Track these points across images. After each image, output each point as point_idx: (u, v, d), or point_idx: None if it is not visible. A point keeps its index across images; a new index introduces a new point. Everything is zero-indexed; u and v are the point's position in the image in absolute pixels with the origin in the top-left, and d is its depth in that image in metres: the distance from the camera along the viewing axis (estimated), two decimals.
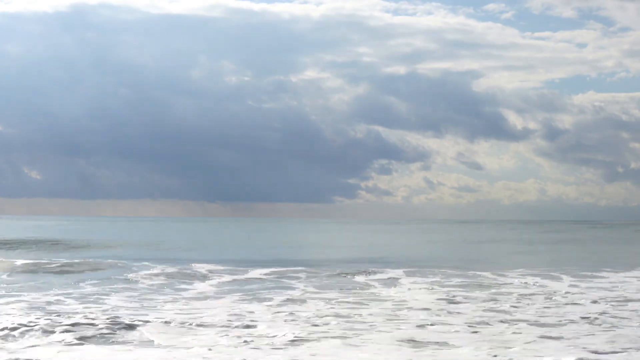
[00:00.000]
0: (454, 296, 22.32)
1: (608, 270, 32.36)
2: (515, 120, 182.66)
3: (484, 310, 19.05)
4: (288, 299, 21.30)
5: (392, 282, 27.05)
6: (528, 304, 20.37)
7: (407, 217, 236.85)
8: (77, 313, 17.56)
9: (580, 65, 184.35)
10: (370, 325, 16.47)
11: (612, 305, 20.22)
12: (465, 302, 20.84)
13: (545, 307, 19.75)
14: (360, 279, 28.23)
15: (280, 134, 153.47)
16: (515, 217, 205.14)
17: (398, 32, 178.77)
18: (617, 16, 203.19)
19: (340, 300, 21.09)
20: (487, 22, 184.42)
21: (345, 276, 29.09)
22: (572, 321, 17.27)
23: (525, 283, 26.50)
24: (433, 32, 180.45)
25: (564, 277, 29.19)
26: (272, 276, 28.80)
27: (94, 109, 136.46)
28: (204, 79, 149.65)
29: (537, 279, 28.20)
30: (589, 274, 30.63)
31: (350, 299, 21.29)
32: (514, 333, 15.57)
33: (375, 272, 30.67)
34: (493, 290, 23.96)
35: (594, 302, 20.95)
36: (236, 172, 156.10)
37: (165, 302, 20.49)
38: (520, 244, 62.99)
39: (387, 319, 17.46)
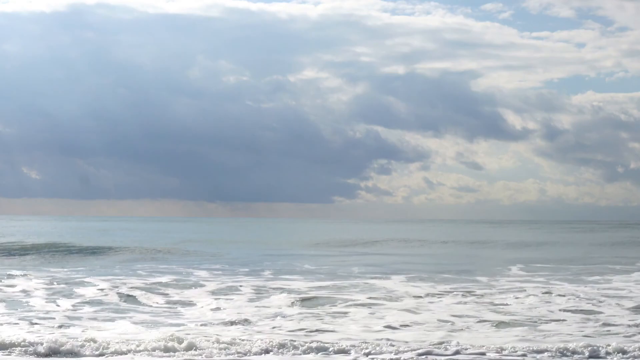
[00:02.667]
0: (440, 295, 22.28)
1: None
2: (514, 120, 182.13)
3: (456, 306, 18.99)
4: None
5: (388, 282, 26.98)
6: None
7: (407, 217, 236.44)
8: None
9: (579, 65, 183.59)
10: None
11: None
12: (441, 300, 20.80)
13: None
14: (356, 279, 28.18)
15: (279, 134, 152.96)
16: (515, 217, 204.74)
17: (396, 32, 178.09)
18: (615, 16, 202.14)
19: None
20: (485, 22, 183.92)
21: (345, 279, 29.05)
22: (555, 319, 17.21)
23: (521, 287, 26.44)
24: (431, 32, 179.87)
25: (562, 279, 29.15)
26: None
27: (92, 108, 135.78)
28: (202, 79, 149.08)
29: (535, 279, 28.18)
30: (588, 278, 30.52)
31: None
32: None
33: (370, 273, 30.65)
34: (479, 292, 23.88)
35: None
36: (235, 172, 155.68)
37: None
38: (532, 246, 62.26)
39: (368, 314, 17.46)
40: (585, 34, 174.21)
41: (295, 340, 13.94)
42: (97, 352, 13.10)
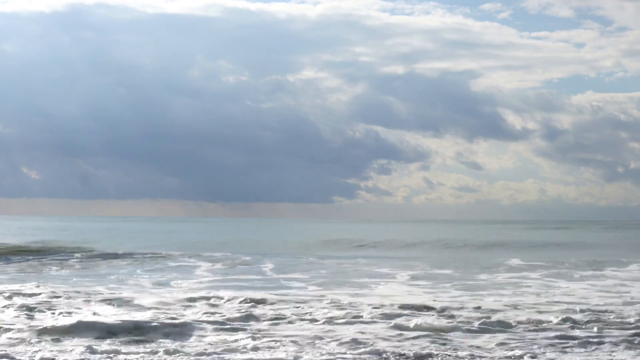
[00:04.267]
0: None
1: None
2: (514, 120, 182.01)
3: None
4: None
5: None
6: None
7: (407, 217, 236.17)
8: None
9: (578, 65, 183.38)
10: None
11: None
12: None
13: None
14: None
15: (279, 134, 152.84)
16: (515, 217, 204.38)
17: (395, 32, 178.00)
18: (615, 16, 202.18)
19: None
20: (484, 22, 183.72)
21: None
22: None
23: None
24: (431, 32, 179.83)
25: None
26: None
27: (92, 108, 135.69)
28: (202, 79, 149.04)
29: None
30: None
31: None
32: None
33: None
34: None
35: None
36: (235, 172, 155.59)
37: None
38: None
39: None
40: (584, 34, 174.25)
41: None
42: None
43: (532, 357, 12.50)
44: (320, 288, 23.32)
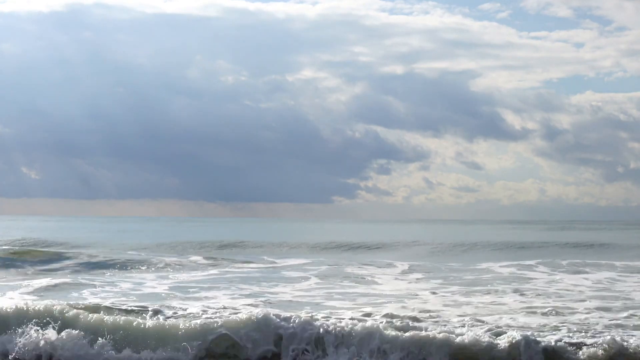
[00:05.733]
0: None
1: None
2: (513, 120, 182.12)
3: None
4: None
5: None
6: None
7: (407, 217, 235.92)
8: None
9: (577, 65, 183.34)
10: None
11: None
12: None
13: None
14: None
15: (278, 134, 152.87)
16: (515, 217, 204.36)
17: (394, 32, 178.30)
18: (614, 15, 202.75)
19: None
20: (483, 22, 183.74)
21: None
22: None
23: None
24: (430, 32, 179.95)
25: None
26: None
27: (91, 108, 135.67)
28: (201, 79, 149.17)
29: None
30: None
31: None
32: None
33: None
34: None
35: None
36: (234, 172, 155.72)
37: None
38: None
39: None
40: (583, 34, 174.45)
41: None
42: None
43: None
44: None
